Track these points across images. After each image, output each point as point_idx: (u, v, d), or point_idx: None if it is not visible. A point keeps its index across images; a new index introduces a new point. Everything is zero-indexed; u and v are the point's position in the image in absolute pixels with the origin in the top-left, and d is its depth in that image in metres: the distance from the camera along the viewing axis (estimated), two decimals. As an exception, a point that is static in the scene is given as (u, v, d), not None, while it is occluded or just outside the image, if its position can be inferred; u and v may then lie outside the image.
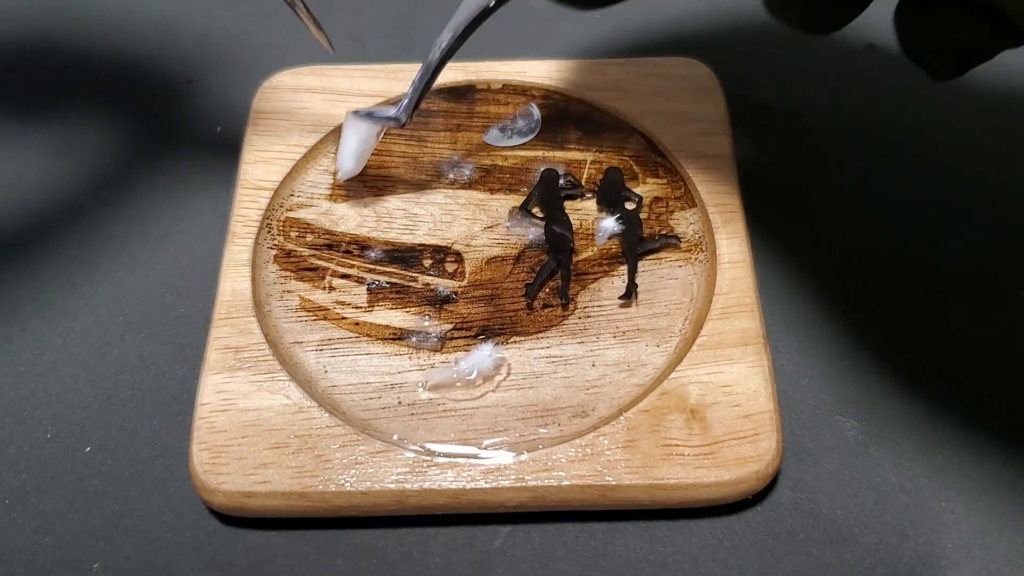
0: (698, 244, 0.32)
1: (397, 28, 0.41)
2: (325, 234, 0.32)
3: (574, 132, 0.35)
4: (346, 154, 0.32)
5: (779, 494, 0.28)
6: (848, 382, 0.30)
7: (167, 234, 0.34)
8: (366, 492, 0.27)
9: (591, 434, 0.27)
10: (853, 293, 0.32)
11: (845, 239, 0.33)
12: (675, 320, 0.30)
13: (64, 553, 0.27)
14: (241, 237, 0.32)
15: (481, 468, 0.27)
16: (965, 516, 0.28)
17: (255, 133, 0.34)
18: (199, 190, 0.35)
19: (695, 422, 0.27)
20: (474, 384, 0.29)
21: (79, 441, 0.29)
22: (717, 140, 0.34)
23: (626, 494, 0.27)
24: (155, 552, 0.27)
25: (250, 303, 0.30)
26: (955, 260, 0.33)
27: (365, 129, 0.32)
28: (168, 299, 0.32)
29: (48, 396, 0.30)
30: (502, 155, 0.34)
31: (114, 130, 0.37)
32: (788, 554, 0.27)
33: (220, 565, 0.27)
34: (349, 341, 0.30)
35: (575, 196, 0.33)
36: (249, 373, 0.29)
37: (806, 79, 0.38)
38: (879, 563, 0.27)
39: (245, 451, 0.27)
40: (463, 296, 0.31)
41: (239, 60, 0.39)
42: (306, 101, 0.35)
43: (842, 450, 0.29)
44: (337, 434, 0.27)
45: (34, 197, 0.35)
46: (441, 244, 0.32)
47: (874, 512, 0.28)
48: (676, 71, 0.36)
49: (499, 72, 0.36)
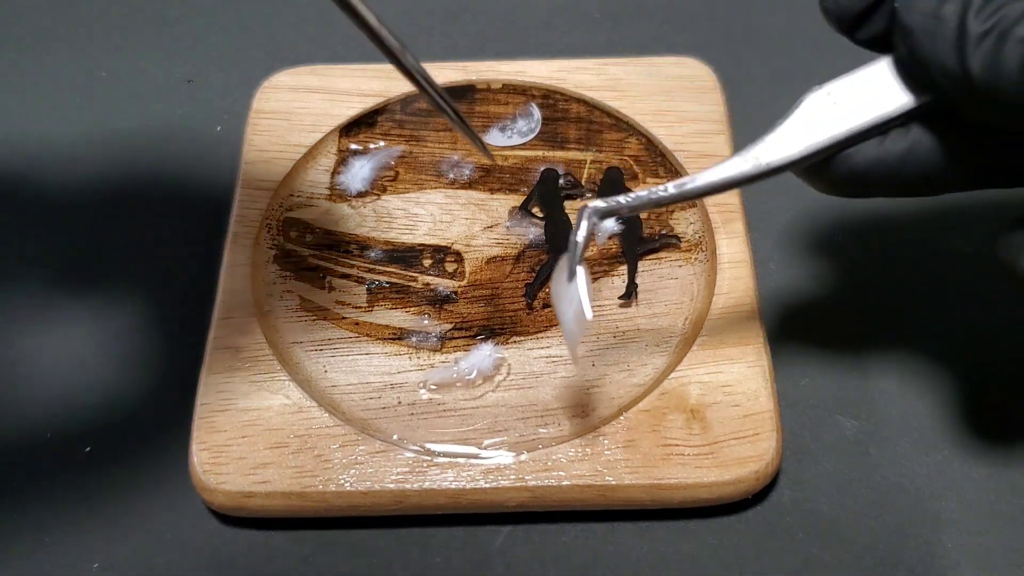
0: (698, 244, 0.32)
1: (398, 27, 0.41)
2: (325, 234, 0.32)
3: (574, 132, 0.35)
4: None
5: (779, 494, 0.28)
6: (848, 382, 0.30)
7: (167, 234, 0.34)
8: (366, 492, 0.27)
9: (591, 434, 0.27)
10: (853, 293, 0.32)
11: (845, 239, 0.33)
12: (675, 320, 0.30)
13: (64, 553, 0.27)
14: (241, 237, 0.32)
15: (481, 468, 0.27)
16: (964, 516, 0.28)
17: (255, 133, 0.34)
18: (199, 190, 0.35)
19: (695, 422, 0.27)
20: (474, 384, 0.29)
21: (79, 441, 0.29)
22: (717, 140, 0.34)
23: (626, 494, 0.27)
24: (155, 552, 0.27)
25: (250, 303, 0.30)
26: (955, 260, 0.33)
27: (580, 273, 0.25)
28: (168, 299, 0.32)
29: (48, 396, 0.30)
30: (502, 155, 0.34)
31: (114, 129, 0.37)
32: (788, 553, 0.27)
33: (220, 565, 0.27)
34: (349, 341, 0.30)
35: (575, 196, 0.33)
36: (249, 373, 0.29)
37: (807, 78, 0.38)
38: (878, 562, 0.27)
39: (245, 451, 0.27)
40: (463, 296, 0.31)
41: (239, 60, 0.39)
42: (306, 101, 0.35)
43: (842, 450, 0.29)
44: (337, 434, 0.27)
45: (33, 197, 0.35)
46: (441, 244, 0.32)
47: (873, 512, 0.28)
48: (676, 71, 0.36)
49: (499, 72, 0.36)
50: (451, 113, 0.27)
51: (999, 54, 0.20)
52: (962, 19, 0.20)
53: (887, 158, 0.23)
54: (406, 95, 0.35)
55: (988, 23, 0.20)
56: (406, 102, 0.35)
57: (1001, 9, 0.20)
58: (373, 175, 0.34)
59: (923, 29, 0.21)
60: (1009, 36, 0.19)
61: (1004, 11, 0.20)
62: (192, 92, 0.38)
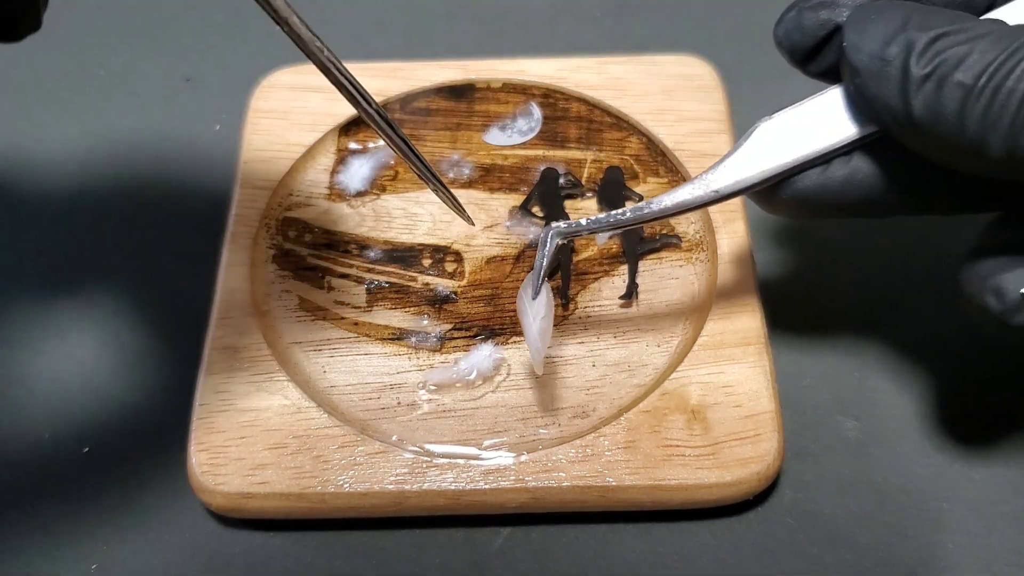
0: (699, 244, 0.32)
1: (397, 25, 0.41)
2: (324, 234, 0.32)
3: (574, 131, 0.35)
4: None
5: (780, 495, 0.28)
6: (849, 382, 0.30)
7: (165, 234, 0.34)
8: (365, 493, 0.26)
9: (591, 435, 0.27)
10: (855, 294, 0.32)
11: (845, 239, 0.33)
12: (676, 320, 0.30)
13: (63, 553, 0.27)
14: (240, 237, 0.32)
15: (481, 469, 0.27)
16: (965, 517, 0.27)
17: (254, 132, 0.34)
18: (197, 189, 0.35)
19: (696, 423, 0.27)
20: (474, 385, 0.29)
21: (78, 441, 0.29)
22: (718, 139, 0.34)
23: (627, 495, 0.26)
24: (153, 553, 0.27)
25: (249, 303, 0.30)
26: (954, 260, 0.33)
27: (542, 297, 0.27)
28: (166, 299, 0.32)
29: (47, 396, 0.30)
30: (502, 154, 0.34)
31: (112, 128, 0.37)
32: (789, 555, 0.27)
33: (218, 566, 0.27)
34: (348, 341, 0.30)
35: (575, 195, 0.33)
36: (247, 373, 0.28)
37: (807, 77, 0.38)
38: (879, 563, 0.27)
39: (243, 452, 0.27)
40: (463, 296, 0.31)
41: (237, 58, 0.39)
42: (305, 99, 0.35)
43: (843, 450, 0.29)
44: (336, 435, 0.27)
45: (32, 196, 0.35)
46: (440, 244, 0.32)
47: (874, 512, 0.28)
48: (677, 69, 0.35)
49: (499, 71, 0.36)
50: (428, 175, 0.27)
51: (939, 97, 0.21)
52: (905, 62, 0.21)
53: (829, 184, 0.24)
54: (406, 94, 0.35)
55: (929, 67, 0.21)
56: (405, 101, 0.35)
57: (941, 54, 0.21)
58: (372, 174, 0.34)
59: (869, 70, 0.22)
60: (947, 81, 0.20)
61: (944, 55, 0.21)
62: (190, 91, 0.38)
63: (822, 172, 0.24)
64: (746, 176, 0.25)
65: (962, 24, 0.21)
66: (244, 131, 0.34)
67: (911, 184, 0.24)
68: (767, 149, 0.25)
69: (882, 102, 0.22)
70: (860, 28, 0.22)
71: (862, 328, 0.31)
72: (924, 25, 0.21)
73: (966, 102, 0.20)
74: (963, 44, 0.21)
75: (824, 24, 0.24)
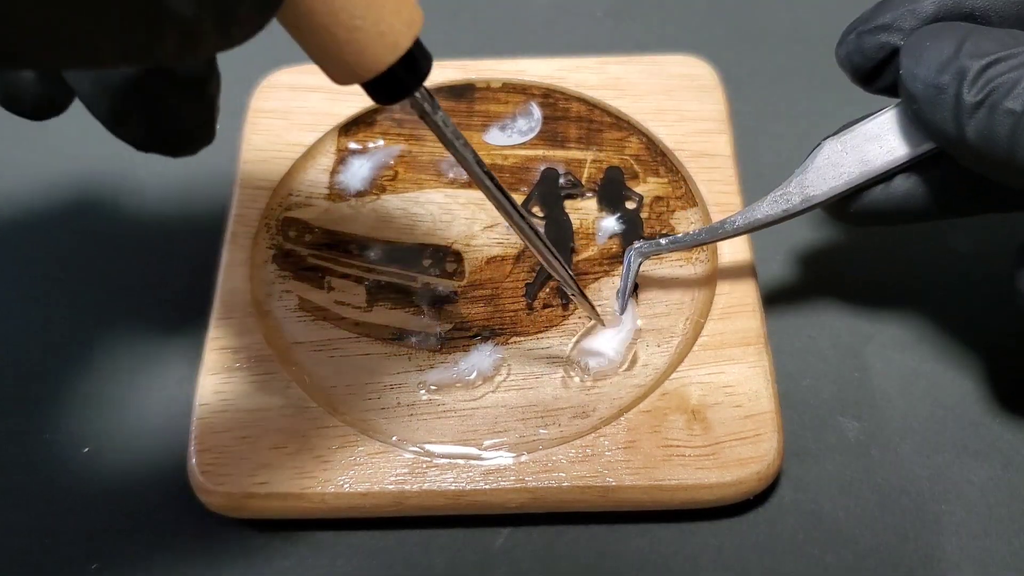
0: (699, 244, 0.32)
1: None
2: (324, 234, 0.32)
3: (574, 131, 0.35)
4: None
5: (780, 495, 0.28)
6: (849, 382, 0.30)
7: (165, 233, 0.34)
8: (365, 493, 0.26)
9: (591, 435, 0.27)
10: (855, 294, 0.32)
11: (845, 239, 0.33)
12: (676, 320, 0.30)
13: (64, 553, 0.27)
14: (240, 237, 0.32)
15: (481, 469, 0.27)
16: (965, 519, 0.27)
17: (253, 132, 0.34)
18: (197, 189, 0.35)
19: (696, 423, 0.27)
20: (474, 385, 0.29)
21: (78, 441, 0.29)
22: (718, 139, 0.34)
23: (627, 495, 0.26)
24: (154, 553, 0.27)
25: (249, 303, 0.30)
26: (958, 260, 0.33)
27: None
28: (166, 299, 0.32)
29: (46, 396, 0.30)
30: (502, 154, 0.34)
31: (112, 128, 0.37)
32: (789, 555, 0.27)
33: (219, 567, 0.27)
34: (348, 341, 0.30)
35: (575, 195, 0.33)
36: (248, 374, 0.28)
37: (809, 77, 0.38)
38: (879, 564, 0.27)
39: (244, 452, 0.27)
40: (463, 296, 0.31)
41: (237, 58, 0.39)
42: (304, 99, 0.35)
43: (843, 451, 0.29)
44: (336, 435, 0.27)
45: (31, 197, 0.35)
46: (440, 244, 0.32)
47: (875, 513, 0.28)
48: (677, 69, 0.35)
49: (499, 71, 0.36)
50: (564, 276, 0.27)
51: (991, 124, 0.22)
52: (958, 90, 0.22)
53: (892, 198, 0.26)
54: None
55: (980, 95, 0.22)
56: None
57: (992, 81, 0.22)
58: (372, 174, 0.34)
59: (924, 97, 0.23)
60: (998, 108, 0.21)
61: (995, 82, 0.22)
62: (190, 90, 0.38)
63: (885, 187, 0.26)
64: (815, 194, 0.27)
65: (1015, 49, 0.22)
66: (244, 131, 0.34)
67: (970, 194, 0.26)
68: (833, 167, 0.26)
69: (937, 127, 0.23)
70: (916, 55, 0.23)
71: (864, 329, 0.31)
72: (976, 52, 0.22)
73: (1016, 128, 0.21)
74: (1014, 71, 0.21)
75: (883, 47, 0.25)
